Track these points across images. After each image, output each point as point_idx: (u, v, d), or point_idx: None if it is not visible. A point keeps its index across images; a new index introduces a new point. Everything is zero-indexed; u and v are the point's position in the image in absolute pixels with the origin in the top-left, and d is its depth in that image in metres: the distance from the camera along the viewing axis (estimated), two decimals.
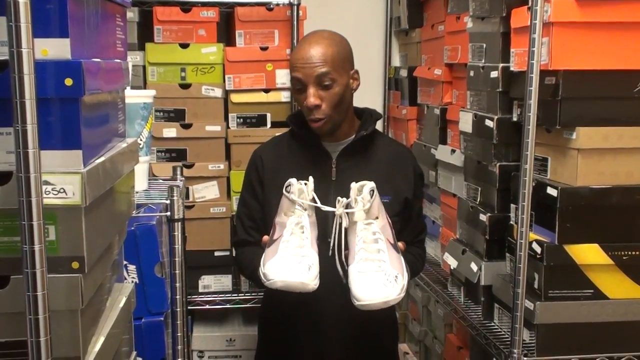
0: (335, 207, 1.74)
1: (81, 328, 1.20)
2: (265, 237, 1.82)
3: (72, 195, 1.14)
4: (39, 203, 1.05)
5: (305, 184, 1.75)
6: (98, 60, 1.28)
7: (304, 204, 1.73)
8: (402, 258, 1.73)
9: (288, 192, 1.75)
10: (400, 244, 1.82)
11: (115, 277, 1.63)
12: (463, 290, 2.46)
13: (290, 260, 1.63)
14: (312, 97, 1.90)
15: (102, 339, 1.33)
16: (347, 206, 1.73)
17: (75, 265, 1.16)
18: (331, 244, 1.74)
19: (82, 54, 1.20)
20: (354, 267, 1.65)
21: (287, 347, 2.04)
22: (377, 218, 1.72)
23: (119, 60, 1.50)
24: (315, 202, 1.75)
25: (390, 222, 1.78)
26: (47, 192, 1.12)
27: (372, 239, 1.68)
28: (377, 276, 1.61)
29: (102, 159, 1.28)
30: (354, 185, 1.73)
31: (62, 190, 1.13)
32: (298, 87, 1.94)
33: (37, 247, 1.05)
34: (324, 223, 1.82)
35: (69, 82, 1.12)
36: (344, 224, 1.72)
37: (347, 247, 1.74)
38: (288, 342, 2.03)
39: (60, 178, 1.13)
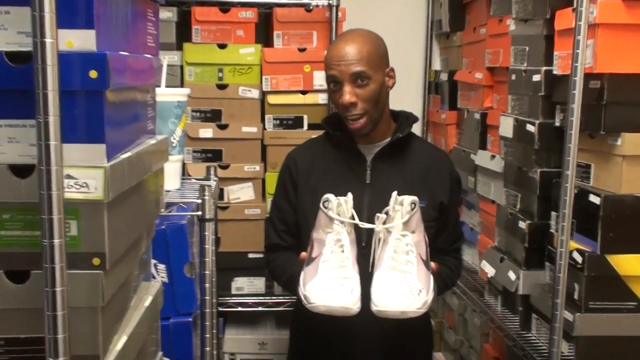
0: (373, 220, 1.69)
1: (101, 326, 1.18)
2: (303, 254, 1.76)
3: (95, 190, 1.11)
4: (60, 197, 1.03)
5: (345, 200, 1.70)
6: (125, 54, 1.26)
7: (344, 221, 1.68)
8: (431, 276, 1.66)
9: (326, 207, 1.69)
10: (433, 265, 1.74)
11: (143, 276, 1.61)
12: (500, 299, 2.41)
13: (331, 283, 1.56)
14: (348, 94, 1.87)
15: (124, 338, 1.30)
16: (386, 217, 1.67)
17: (96, 261, 1.14)
18: (370, 261, 1.68)
19: (109, 47, 1.18)
20: (379, 273, 1.60)
21: (318, 355, 2.01)
22: (413, 232, 1.66)
23: (149, 56, 1.48)
24: (354, 220, 1.68)
25: (426, 240, 1.71)
26: (69, 186, 1.09)
27: (404, 250, 1.62)
28: (400, 285, 1.55)
29: (127, 154, 1.25)
30: (394, 195, 1.67)
31: (84, 185, 1.11)
32: (333, 86, 1.92)
33: (57, 242, 1.03)
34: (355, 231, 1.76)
35: (93, 74, 1.09)
36: (382, 239, 1.67)
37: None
38: (319, 350, 2.00)
39: (83, 172, 1.11)
